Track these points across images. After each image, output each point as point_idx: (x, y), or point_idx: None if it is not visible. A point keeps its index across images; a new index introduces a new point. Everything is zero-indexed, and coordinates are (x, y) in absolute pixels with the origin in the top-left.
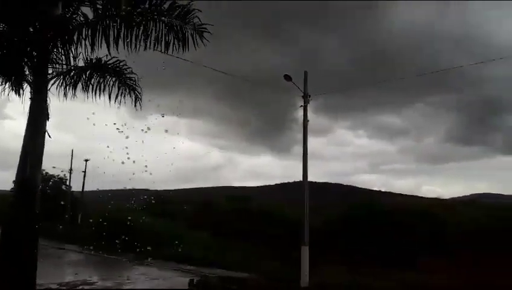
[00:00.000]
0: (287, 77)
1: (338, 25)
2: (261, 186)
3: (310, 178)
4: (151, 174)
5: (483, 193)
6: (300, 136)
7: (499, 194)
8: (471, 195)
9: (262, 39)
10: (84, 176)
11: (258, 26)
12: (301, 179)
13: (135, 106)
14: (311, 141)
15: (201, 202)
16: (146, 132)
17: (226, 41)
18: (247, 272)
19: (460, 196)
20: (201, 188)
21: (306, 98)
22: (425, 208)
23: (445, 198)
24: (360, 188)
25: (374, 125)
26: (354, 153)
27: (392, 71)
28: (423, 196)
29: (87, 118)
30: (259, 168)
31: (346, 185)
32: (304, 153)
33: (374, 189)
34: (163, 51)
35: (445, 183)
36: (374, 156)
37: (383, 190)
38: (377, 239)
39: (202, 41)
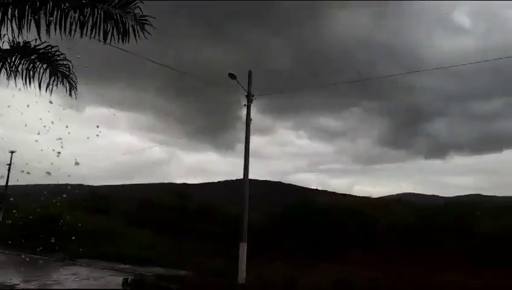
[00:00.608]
0: (232, 76)
1: (283, 27)
2: (204, 184)
3: (252, 176)
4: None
5: (408, 193)
6: (244, 134)
7: (421, 193)
8: (398, 194)
9: (210, 38)
10: (9, 169)
11: (206, 25)
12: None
13: (70, 95)
14: (254, 140)
15: (141, 198)
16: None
17: (172, 38)
18: (187, 270)
19: (388, 195)
20: (142, 184)
21: (249, 97)
22: (357, 206)
23: (374, 197)
24: (299, 186)
25: (314, 127)
26: (294, 153)
27: (332, 75)
28: (355, 194)
29: (8, 106)
30: (203, 165)
31: (287, 184)
32: (245, 152)
33: (312, 187)
34: (101, 40)
35: (375, 183)
36: (313, 156)
37: (320, 189)
38: (313, 236)
39: (144, 34)
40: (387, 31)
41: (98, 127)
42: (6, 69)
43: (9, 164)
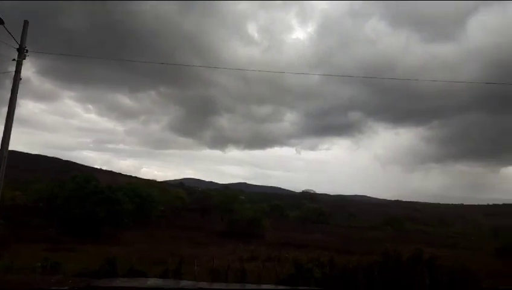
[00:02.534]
0: None
1: None
2: None
3: (22, 148)
4: None
5: (190, 178)
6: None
7: (201, 179)
8: (181, 179)
9: None
10: None
11: None
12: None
13: None
14: (29, 105)
15: None
16: None
17: None
18: None
19: (173, 179)
20: None
21: (22, 51)
22: (140, 187)
23: (159, 180)
24: (80, 164)
25: (104, 102)
26: (78, 127)
27: (133, 53)
28: (142, 177)
29: None
30: None
31: (65, 161)
32: (7, 116)
33: (95, 167)
34: None
35: (162, 166)
36: (100, 133)
37: (104, 169)
38: (88, 216)
39: None
40: (194, 25)
41: None
42: None
43: None
